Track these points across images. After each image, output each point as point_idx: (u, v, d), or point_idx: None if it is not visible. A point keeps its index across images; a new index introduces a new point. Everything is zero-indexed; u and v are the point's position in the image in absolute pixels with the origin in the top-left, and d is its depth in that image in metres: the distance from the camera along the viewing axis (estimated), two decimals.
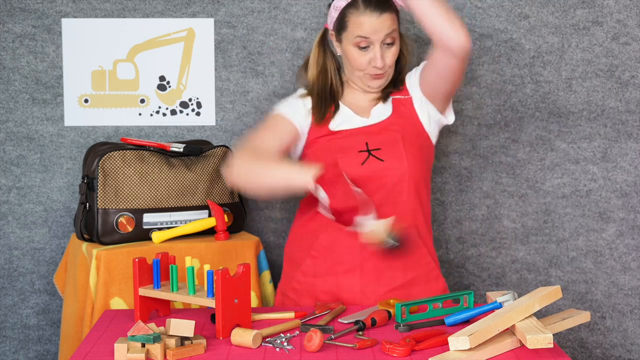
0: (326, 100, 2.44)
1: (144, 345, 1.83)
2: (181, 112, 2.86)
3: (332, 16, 2.40)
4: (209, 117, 2.86)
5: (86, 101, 2.84)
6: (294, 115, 2.43)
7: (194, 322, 1.86)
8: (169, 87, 2.85)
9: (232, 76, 2.86)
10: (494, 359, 1.82)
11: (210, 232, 2.60)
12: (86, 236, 2.58)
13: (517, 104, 2.89)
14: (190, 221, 2.58)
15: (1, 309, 2.88)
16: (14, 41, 2.81)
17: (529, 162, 2.91)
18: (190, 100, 2.86)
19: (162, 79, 2.85)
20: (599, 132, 2.89)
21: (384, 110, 2.42)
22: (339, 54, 2.44)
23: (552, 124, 2.89)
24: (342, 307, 2.20)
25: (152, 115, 2.85)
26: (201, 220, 2.57)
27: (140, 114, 2.85)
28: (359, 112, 2.43)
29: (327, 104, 2.43)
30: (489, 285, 2.93)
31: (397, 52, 2.38)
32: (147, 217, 2.53)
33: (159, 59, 2.84)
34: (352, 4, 2.33)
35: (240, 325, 1.97)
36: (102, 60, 2.83)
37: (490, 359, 1.82)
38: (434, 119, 2.44)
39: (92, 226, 2.51)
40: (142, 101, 2.85)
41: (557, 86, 2.88)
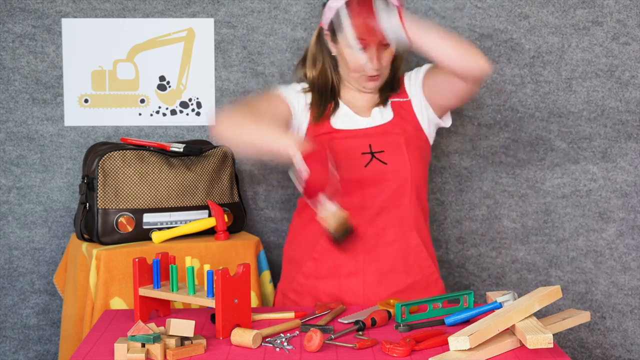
0: (326, 97, 2.42)
1: (144, 345, 1.83)
2: (181, 112, 2.86)
3: (327, 17, 2.36)
4: (209, 117, 2.85)
5: (86, 101, 2.83)
6: (293, 101, 2.40)
7: (194, 322, 1.86)
8: (169, 87, 2.85)
9: (232, 76, 2.85)
10: (494, 359, 1.82)
11: (210, 232, 2.60)
12: (86, 236, 2.58)
13: (517, 104, 2.89)
14: (190, 221, 2.58)
15: (1, 309, 2.87)
16: (14, 41, 2.81)
17: (529, 162, 2.90)
18: (190, 100, 2.85)
19: (162, 79, 2.85)
20: (599, 132, 2.89)
21: (385, 112, 2.41)
22: (334, 54, 2.42)
23: (552, 124, 2.89)
24: (342, 307, 2.20)
25: (152, 115, 2.85)
26: (201, 220, 2.57)
27: (140, 114, 2.85)
28: (359, 112, 2.42)
29: (326, 101, 2.42)
30: (489, 285, 2.93)
31: (393, 53, 2.36)
32: (147, 217, 2.53)
33: (159, 59, 2.84)
34: (347, 5, 2.27)
35: (240, 325, 1.97)
36: (102, 60, 2.83)
37: (490, 359, 1.82)
38: (432, 122, 2.43)
39: (92, 226, 2.51)
40: (142, 101, 2.85)
41: (557, 86, 2.88)
